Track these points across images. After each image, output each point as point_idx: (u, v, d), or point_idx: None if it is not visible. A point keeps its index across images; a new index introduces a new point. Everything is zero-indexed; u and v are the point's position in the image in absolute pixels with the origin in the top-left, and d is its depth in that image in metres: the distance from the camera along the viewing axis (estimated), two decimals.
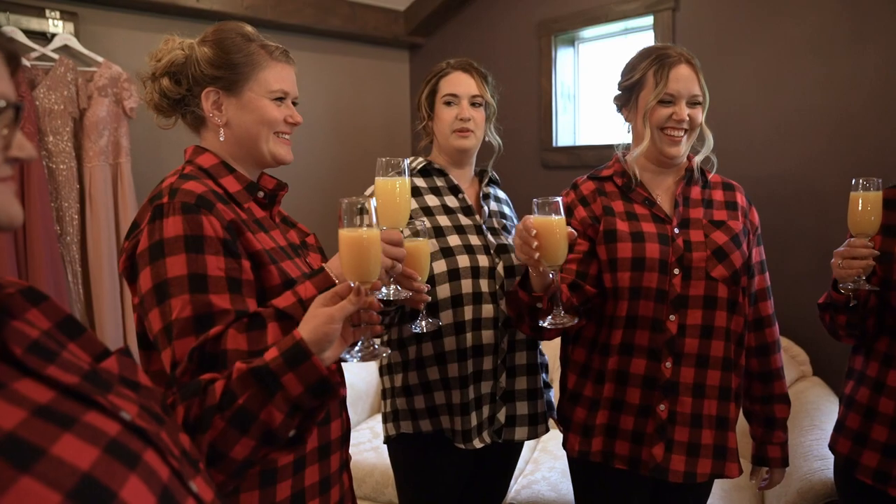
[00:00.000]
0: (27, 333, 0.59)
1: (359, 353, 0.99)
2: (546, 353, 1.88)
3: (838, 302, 1.51)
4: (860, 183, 1.45)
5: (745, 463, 1.88)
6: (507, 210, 1.87)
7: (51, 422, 0.52)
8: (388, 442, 1.77)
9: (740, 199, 1.66)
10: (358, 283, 0.95)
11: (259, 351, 0.97)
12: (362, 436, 2.81)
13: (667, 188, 1.63)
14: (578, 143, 3.44)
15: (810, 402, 2.32)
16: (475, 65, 1.77)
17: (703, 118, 1.58)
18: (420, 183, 1.73)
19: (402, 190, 1.21)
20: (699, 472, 1.53)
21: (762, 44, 2.72)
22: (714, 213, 1.60)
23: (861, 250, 1.41)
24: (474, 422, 1.65)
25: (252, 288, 1.11)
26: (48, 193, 2.55)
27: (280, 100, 1.24)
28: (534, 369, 1.75)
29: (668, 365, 1.51)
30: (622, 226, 1.55)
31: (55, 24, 2.67)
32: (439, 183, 1.75)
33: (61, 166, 2.60)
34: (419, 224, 1.35)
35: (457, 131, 1.71)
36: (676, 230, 1.55)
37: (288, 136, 1.28)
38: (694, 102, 1.56)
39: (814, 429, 2.13)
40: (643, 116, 1.55)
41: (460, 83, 1.73)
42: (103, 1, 2.82)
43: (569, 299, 1.51)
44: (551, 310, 1.41)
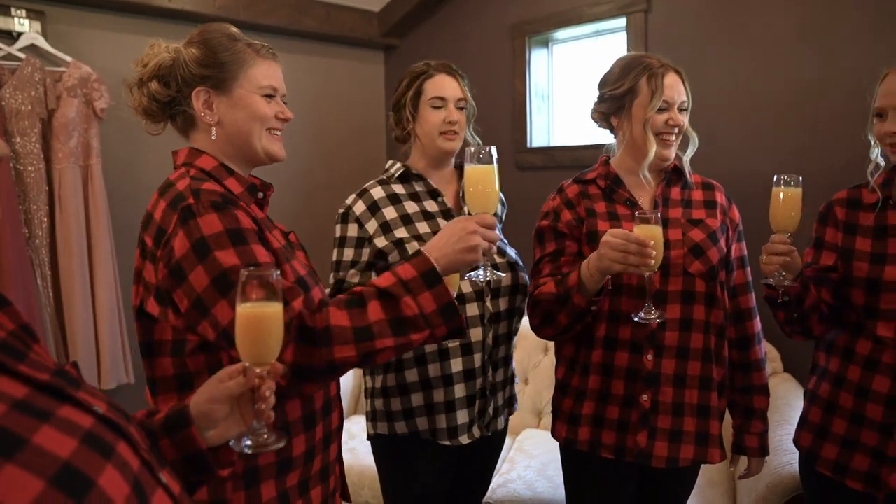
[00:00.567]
0: None
1: (248, 443, 0.90)
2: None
3: (769, 298, 1.55)
4: (781, 179, 1.45)
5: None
6: None
7: (29, 415, 0.54)
8: (370, 439, 1.81)
9: (720, 197, 1.72)
10: (248, 364, 0.89)
11: (364, 327, 1.07)
12: None
13: (648, 189, 1.68)
14: (553, 144, 3.47)
15: (780, 398, 2.36)
16: (455, 67, 1.79)
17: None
18: (399, 189, 1.75)
19: (490, 177, 1.29)
20: (682, 457, 1.58)
21: (733, 45, 2.76)
22: (693, 212, 1.67)
23: (779, 247, 1.44)
24: (463, 419, 1.68)
25: None
26: (16, 196, 2.51)
27: (270, 97, 1.26)
28: (508, 360, 1.82)
29: (650, 357, 1.57)
30: (604, 226, 1.60)
31: (21, 23, 2.63)
32: (418, 188, 1.76)
33: (29, 168, 2.56)
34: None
35: (444, 134, 1.73)
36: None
37: (279, 133, 1.29)
38: (682, 108, 1.63)
39: (783, 424, 2.17)
40: (643, 124, 1.60)
41: (446, 86, 1.75)
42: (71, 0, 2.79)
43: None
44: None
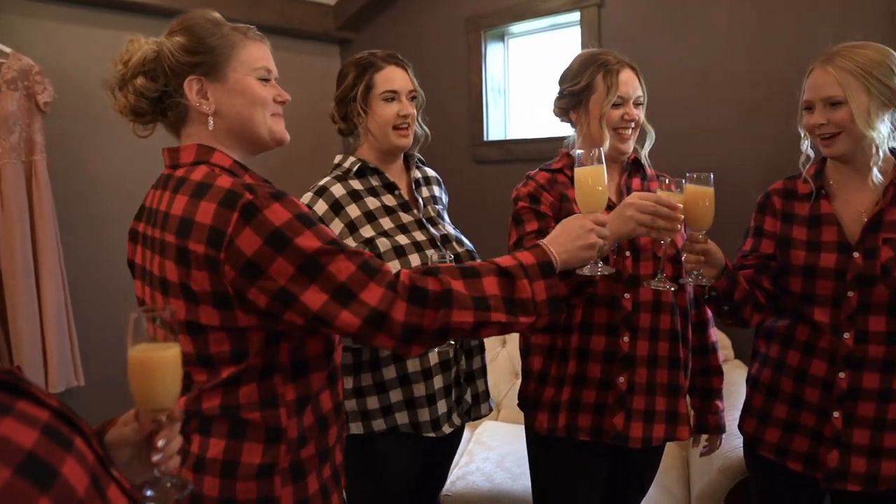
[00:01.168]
0: None
1: (149, 493, 0.85)
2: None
3: (696, 294, 1.60)
4: (692, 177, 1.45)
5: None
6: (437, 190, 1.89)
7: None
8: None
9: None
10: (141, 409, 0.85)
11: (481, 297, 1.11)
12: None
13: (612, 180, 1.73)
14: (509, 138, 3.48)
15: (731, 384, 2.41)
16: (401, 56, 1.77)
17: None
18: (357, 185, 1.72)
19: (601, 177, 1.34)
20: (655, 436, 1.65)
21: (686, 39, 2.80)
22: None
23: (695, 245, 1.47)
24: (443, 409, 1.69)
25: None
26: None
27: (265, 79, 1.22)
28: (482, 348, 1.84)
29: (626, 339, 1.62)
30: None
31: None
32: (374, 182, 1.74)
33: None
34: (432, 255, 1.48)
35: (397, 128, 1.71)
36: None
37: (280, 115, 1.25)
38: (638, 103, 1.68)
39: (733, 409, 2.20)
40: (599, 119, 1.64)
41: (397, 78, 1.72)
42: None
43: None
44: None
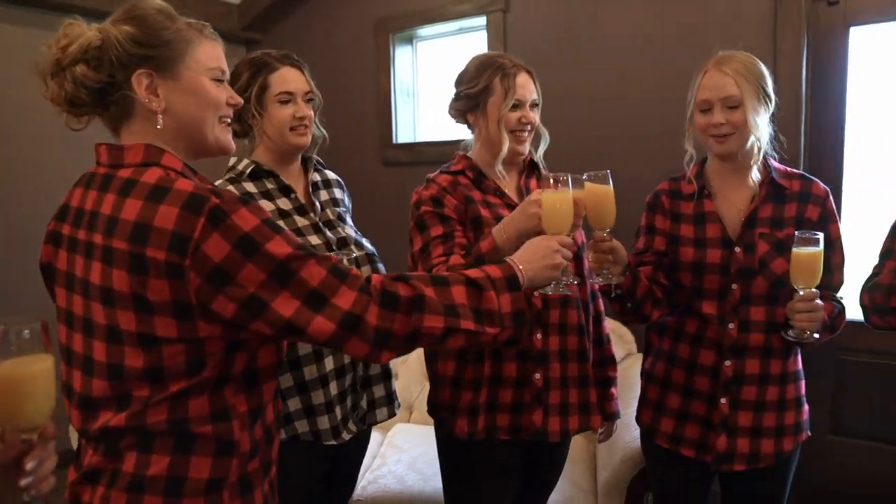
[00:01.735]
0: None
1: None
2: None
3: (603, 293, 1.65)
4: (591, 176, 1.46)
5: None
6: (338, 193, 1.85)
7: None
8: None
9: None
10: (8, 428, 0.80)
11: (451, 305, 1.11)
12: None
13: (511, 180, 1.76)
14: (418, 140, 3.50)
15: (634, 377, 2.49)
16: (297, 57, 1.73)
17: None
18: (251, 188, 1.66)
19: (565, 202, 1.35)
20: (571, 428, 1.68)
21: (589, 43, 2.91)
22: None
23: (600, 244, 1.51)
24: (340, 415, 1.66)
25: None
26: None
27: (218, 80, 1.15)
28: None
29: (539, 336, 1.64)
30: (484, 212, 1.65)
31: None
32: (269, 185, 1.68)
33: None
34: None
35: (294, 129, 1.67)
36: None
37: (229, 122, 1.19)
38: (534, 105, 1.70)
39: (635, 401, 2.28)
40: (497, 122, 1.65)
41: (292, 79, 1.67)
42: None
43: None
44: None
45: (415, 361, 2.91)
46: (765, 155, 1.63)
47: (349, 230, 1.76)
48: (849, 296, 1.72)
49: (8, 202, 2.95)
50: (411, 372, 2.93)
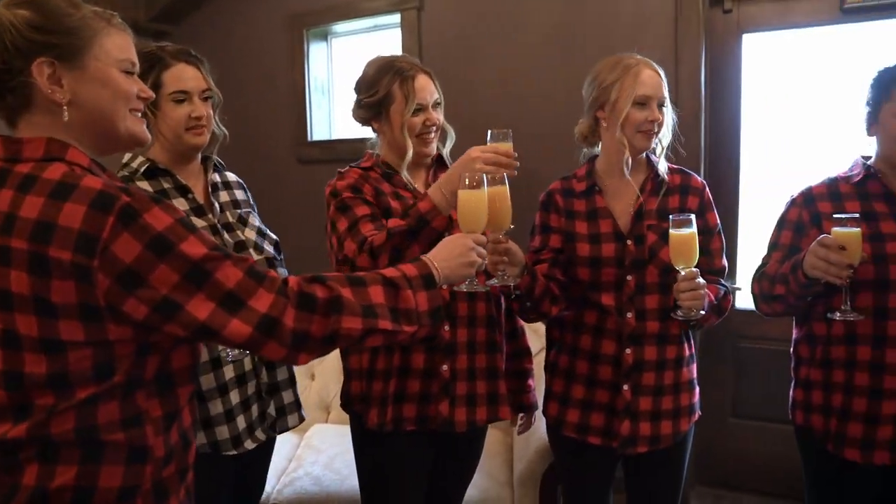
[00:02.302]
0: None
1: None
2: None
3: (503, 293, 1.69)
4: (486, 179, 1.47)
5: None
6: (240, 195, 1.79)
7: None
8: None
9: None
10: None
11: (369, 305, 1.11)
12: None
13: (419, 175, 1.78)
14: (334, 138, 3.46)
15: None
16: (194, 52, 1.64)
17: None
18: (145, 187, 1.58)
19: (480, 201, 1.38)
20: (478, 419, 1.71)
21: (503, 41, 2.95)
22: None
23: (496, 246, 1.53)
24: (243, 424, 1.60)
25: None
26: None
27: (129, 72, 1.09)
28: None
29: (447, 328, 1.66)
30: (395, 204, 1.66)
31: None
32: (166, 185, 1.61)
33: None
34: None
35: (191, 129, 1.60)
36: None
37: (140, 114, 1.13)
38: (436, 105, 1.71)
39: None
40: (401, 128, 1.66)
41: (188, 77, 1.59)
42: None
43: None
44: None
45: (332, 361, 2.88)
46: (647, 153, 1.72)
47: (251, 233, 1.70)
48: (745, 286, 1.82)
49: None
50: (329, 371, 2.90)
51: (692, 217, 1.50)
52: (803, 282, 1.53)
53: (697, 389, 1.77)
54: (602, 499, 1.82)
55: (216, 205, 1.67)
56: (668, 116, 1.67)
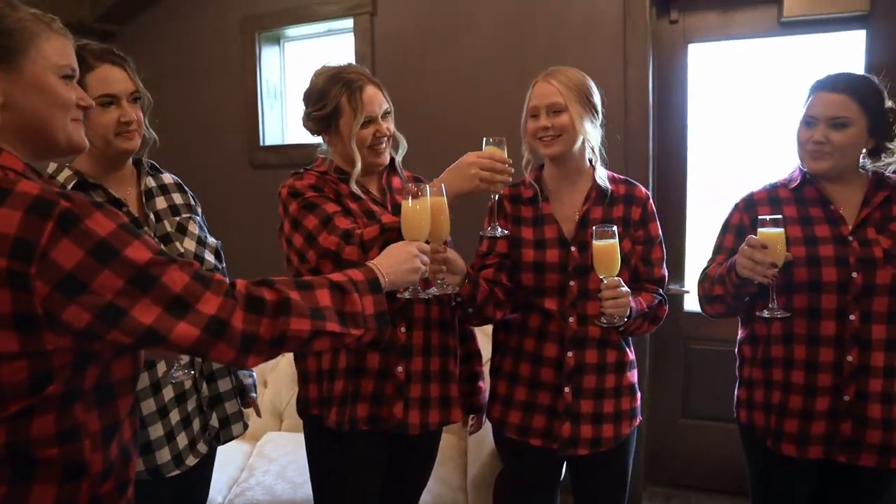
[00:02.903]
0: None
1: None
2: None
3: (443, 300, 1.69)
4: (426, 189, 1.48)
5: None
6: (178, 198, 1.72)
7: None
8: None
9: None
10: None
11: (316, 308, 1.12)
12: None
13: (372, 180, 1.78)
14: (287, 142, 3.43)
15: None
16: (119, 52, 1.57)
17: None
18: None
19: (424, 210, 1.41)
20: (431, 421, 1.71)
21: (456, 46, 2.97)
22: None
23: (435, 255, 1.53)
24: (184, 442, 1.57)
25: None
26: None
27: (68, 77, 1.06)
28: (228, 370, 1.72)
29: (403, 330, 1.67)
30: (353, 206, 1.67)
31: None
32: (97, 199, 1.53)
33: None
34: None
35: (120, 134, 1.52)
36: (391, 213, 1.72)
37: (80, 121, 1.09)
38: (386, 115, 1.71)
39: None
40: (350, 140, 1.65)
41: (114, 79, 1.50)
42: None
43: None
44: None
45: (285, 367, 2.85)
46: (592, 161, 1.76)
47: (190, 243, 1.65)
48: (693, 290, 1.87)
49: None
50: (281, 378, 2.86)
51: (614, 228, 1.55)
52: (736, 282, 1.59)
53: (639, 395, 1.81)
54: (548, 500, 1.84)
55: (151, 216, 1.61)
56: (581, 123, 1.67)
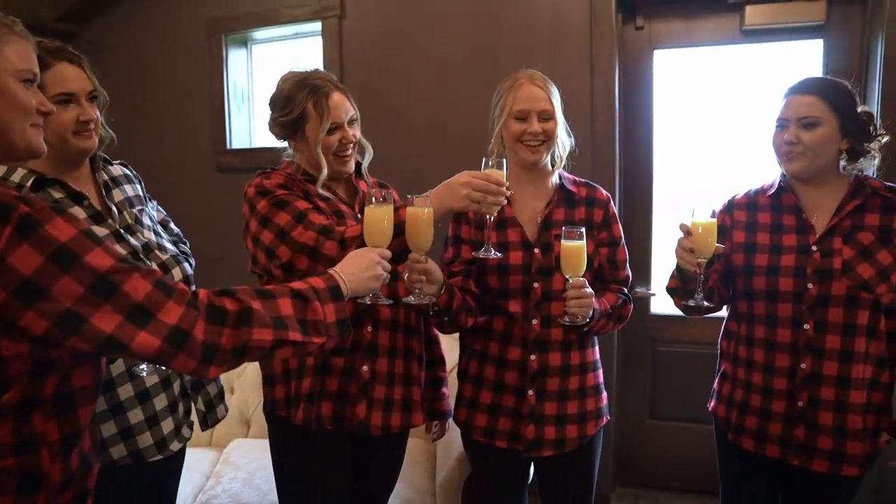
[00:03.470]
0: None
1: None
2: None
3: (420, 310, 1.69)
4: (412, 200, 1.47)
5: None
6: (130, 190, 1.69)
7: None
8: None
9: (395, 194, 1.88)
10: None
11: (279, 317, 1.11)
12: None
13: (341, 184, 1.79)
14: (255, 146, 3.39)
15: None
16: (73, 51, 1.54)
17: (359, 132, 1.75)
18: None
19: (386, 216, 1.42)
20: (392, 424, 1.71)
21: (424, 51, 2.97)
22: None
23: (415, 265, 1.52)
24: (169, 427, 1.58)
25: None
26: None
27: (29, 81, 1.04)
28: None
29: (370, 329, 1.67)
30: (323, 205, 1.67)
31: None
32: (57, 195, 1.52)
33: None
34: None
35: (78, 133, 1.50)
36: (359, 215, 1.72)
37: (40, 126, 1.07)
38: (352, 122, 1.71)
39: None
40: (316, 146, 1.65)
41: (71, 78, 1.49)
42: None
43: None
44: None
45: (252, 374, 2.81)
46: (554, 165, 1.78)
47: (149, 233, 1.64)
48: (660, 292, 1.89)
49: None
50: (248, 384, 2.83)
51: (583, 230, 1.58)
52: (676, 273, 1.66)
53: (605, 394, 1.83)
54: (515, 502, 1.86)
55: (113, 208, 1.59)
56: (561, 130, 1.72)
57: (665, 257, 2.80)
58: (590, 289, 1.61)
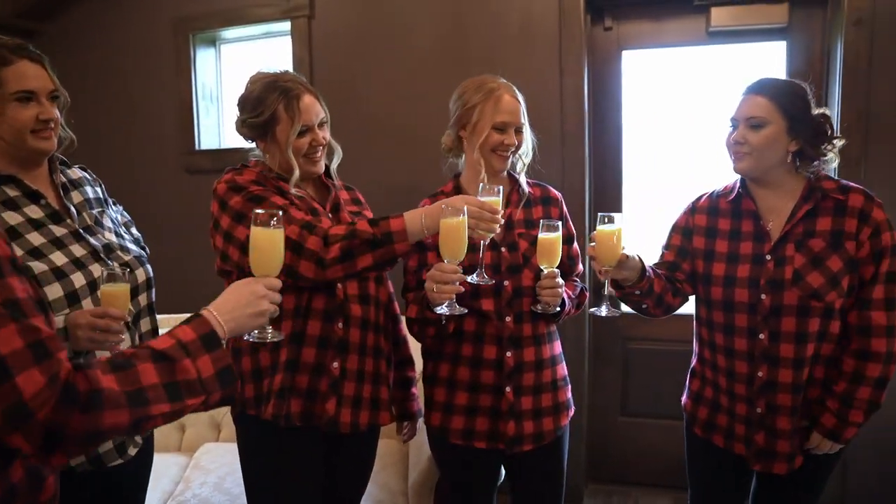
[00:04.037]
0: None
1: None
2: None
3: (428, 319, 1.68)
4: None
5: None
6: (90, 192, 1.67)
7: None
8: None
9: (360, 196, 1.93)
10: None
11: (137, 391, 0.96)
12: None
13: (310, 184, 1.78)
14: (224, 147, 3.35)
15: None
16: (34, 49, 1.51)
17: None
18: None
19: (276, 241, 1.30)
20: (361, 422, 1.72)
21: (394, 51, 2.97)
22: (347, 207, 1.82)
23: (452, 276, 1.53)
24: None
25: None
26: None
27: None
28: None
29: (340, 326, 1.67)
30: (296, 214, 1.63)
31: None
32: (12, 192, 1.48)
33: None
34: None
35: (37, 133, 1.47)
36: (330, 216, 1.74)
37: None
38: (322, 124, 1.70)
39: None
40: (286, 148, 1.64)
41: (33, 76, 1.45)
42: None
43: None
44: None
45: None
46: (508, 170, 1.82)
47: (110, 235, 1.62)
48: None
49: None
50: None
51: (559, 224, 1.65)
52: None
53: (570, 386, 1.87)
54: (488, 501, 1.86)
55: (72, 208, 1.56)
56: (528, 137, 1.78)
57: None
58: (561, 280, 1.68)
